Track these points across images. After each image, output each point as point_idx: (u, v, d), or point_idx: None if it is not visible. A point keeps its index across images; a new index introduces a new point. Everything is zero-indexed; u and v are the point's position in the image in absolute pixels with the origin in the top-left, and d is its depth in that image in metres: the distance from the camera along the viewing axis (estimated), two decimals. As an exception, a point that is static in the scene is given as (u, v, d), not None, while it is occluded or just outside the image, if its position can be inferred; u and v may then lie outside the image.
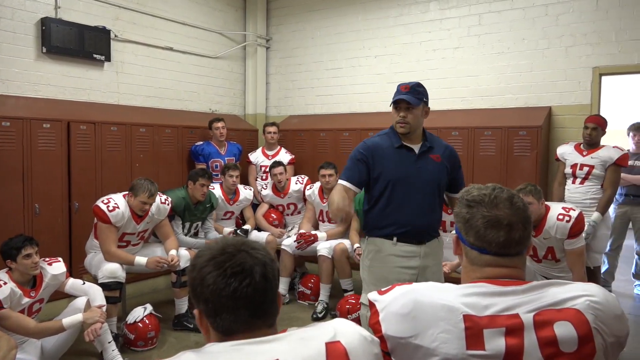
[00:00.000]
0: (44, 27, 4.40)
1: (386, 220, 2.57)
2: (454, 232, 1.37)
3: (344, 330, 1.12)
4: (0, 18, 4.18)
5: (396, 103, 2.55)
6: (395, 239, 2.55)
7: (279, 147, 5.58)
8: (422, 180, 2.55)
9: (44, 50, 4.43)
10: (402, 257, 2.55)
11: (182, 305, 4.06)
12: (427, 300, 1.20)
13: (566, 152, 4.24)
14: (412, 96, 2.51)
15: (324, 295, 4.44)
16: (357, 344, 1.11)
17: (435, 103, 5.39)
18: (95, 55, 4.78)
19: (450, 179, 2.66)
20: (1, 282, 2.92)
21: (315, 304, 4.48)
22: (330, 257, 4.42)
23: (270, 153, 5.52)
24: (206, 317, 1.09)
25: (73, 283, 3.31)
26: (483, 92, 5.16)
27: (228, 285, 1.04)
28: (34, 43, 4.42)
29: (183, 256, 3.96)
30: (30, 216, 4.05)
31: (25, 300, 3.06)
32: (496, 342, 1.14)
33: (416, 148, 2.59)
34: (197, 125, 5.40)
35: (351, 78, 5.96)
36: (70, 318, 3.08)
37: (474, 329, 1.15)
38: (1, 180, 3.89)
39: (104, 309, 3.22)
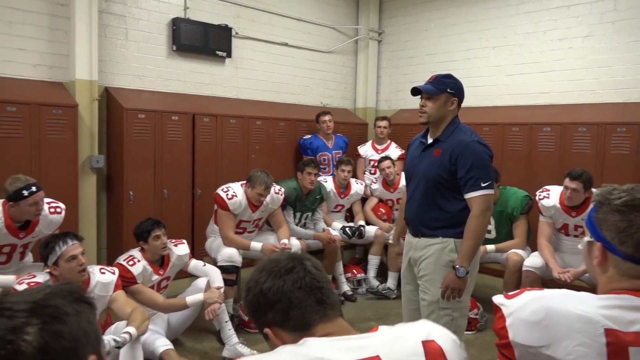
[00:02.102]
0: (174, 27, 4.77)
1: None
2: (586, 238, 1.25)
3: (436, 331, 1.12)
4: (139, 20, 4.60)
5: (415, 93, 2.59)
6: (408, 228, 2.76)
7: (389, 141, 5.54)
8: (418, 174, 2.61)
9: (174, 48, 4.80)
10: (406, 246, 2.73)
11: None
12: (561, 308, 1.12)
13: None
14: (432, 86, 2.53)
15: (431, 293, 4.34)
16: (450, 346, 1.10)
17: (560, 97, 5.04)
18: (218, 52, 5.08)
19: (458, 177, 2.48)
20: (135, 260, 3.26)
21: (422, 302, 4.39)
22: (439, 254, 4.31)
23: (380, 147, 5.50)
24: (279, 325, 1.09)
25: (195, 264, 3.59)
26: (617, 84, 4.69)
27: (286, 281, 1.09)
28: (166, 42, 4.80)
29: (294, 245, 4.09)
30: (159, 201, 4.43)
31: (155, 277, 3.37)
32: None
33: (428, 142, 2.64)
34: (309, 119, 5.53)
35: (466, 71, 5.72)
36: (193, 297, 3.33)
37: (617, 345, 1.05)
38: (137, 167, 4.29)
39: (222, 290, 3.43)
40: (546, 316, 1.11)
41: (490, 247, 4.05)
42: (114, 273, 3.00)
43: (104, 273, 2.96)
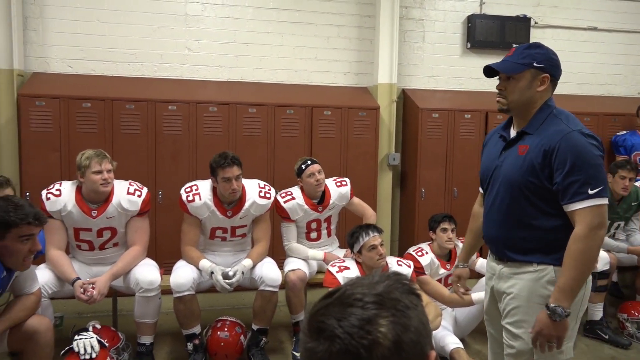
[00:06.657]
0: (469, 24, 4.73)
1: None
2: None
3: None
4: (435, 22, 4.73)
5: (489, 74, 1.92)
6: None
7: None
8: (499, 178, 1.94)
9: (468, 45, 4.76)
10: (488, 272, 2.08)
11: (597, 311, 3.69)
12: None
13: None
14: (510, 60, 1.88)
15: None
16: None
17: None
18: (514, 45, 4.80)
19: (554, 182, 1.78)
20: (424, 252, 3.37)
21: None
22: None
23: None
24: None
25: (482, 262, 3.50)
26: None
27: None
28: (460, 40, 4.81)
29: (602, 258, 3.57)
30: (449, 199, 4.48)
31: (442, 271, 3.41)
32: None
33: (510, 135, 1.96)
34: (619, 112, 4.77)
35: None
36: (478, 294, 3.22)
37: None
38: (429, 165, 4.44)
39: None
40: None
41: None
42: (409, 266, 3.16)
43: (400, 265, 3.15)
